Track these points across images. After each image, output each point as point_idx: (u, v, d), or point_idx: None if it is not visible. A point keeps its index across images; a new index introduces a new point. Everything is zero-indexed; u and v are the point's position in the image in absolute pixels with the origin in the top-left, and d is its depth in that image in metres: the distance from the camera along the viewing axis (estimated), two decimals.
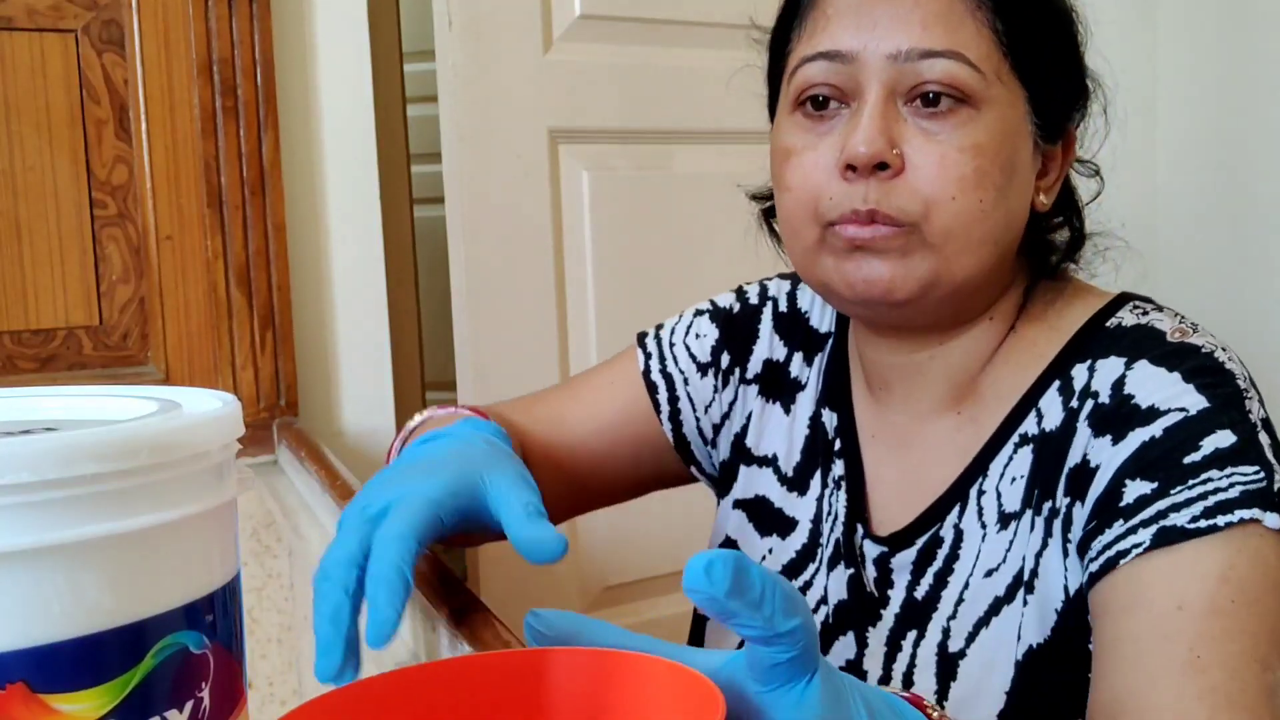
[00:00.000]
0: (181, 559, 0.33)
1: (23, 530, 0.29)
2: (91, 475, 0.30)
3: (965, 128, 0.68)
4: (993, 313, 0.76)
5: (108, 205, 1.35)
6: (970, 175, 0.68)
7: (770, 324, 0.90)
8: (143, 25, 1.35)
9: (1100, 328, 0.73)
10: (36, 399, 0.40)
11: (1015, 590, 0.71)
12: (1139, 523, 0.63)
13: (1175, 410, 0.65)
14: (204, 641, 0.34)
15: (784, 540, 0.85)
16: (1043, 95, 0.72)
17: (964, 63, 0.68)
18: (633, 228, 1.66)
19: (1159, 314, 0.73)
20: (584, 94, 1.63)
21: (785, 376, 0.88)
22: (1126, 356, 0.69)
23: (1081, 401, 0.70)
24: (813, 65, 0.72)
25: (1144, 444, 0.65)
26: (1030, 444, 0.72)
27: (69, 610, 0.30)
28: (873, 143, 0.68)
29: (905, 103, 0.69)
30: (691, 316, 0.93)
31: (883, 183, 0.68)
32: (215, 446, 0.34)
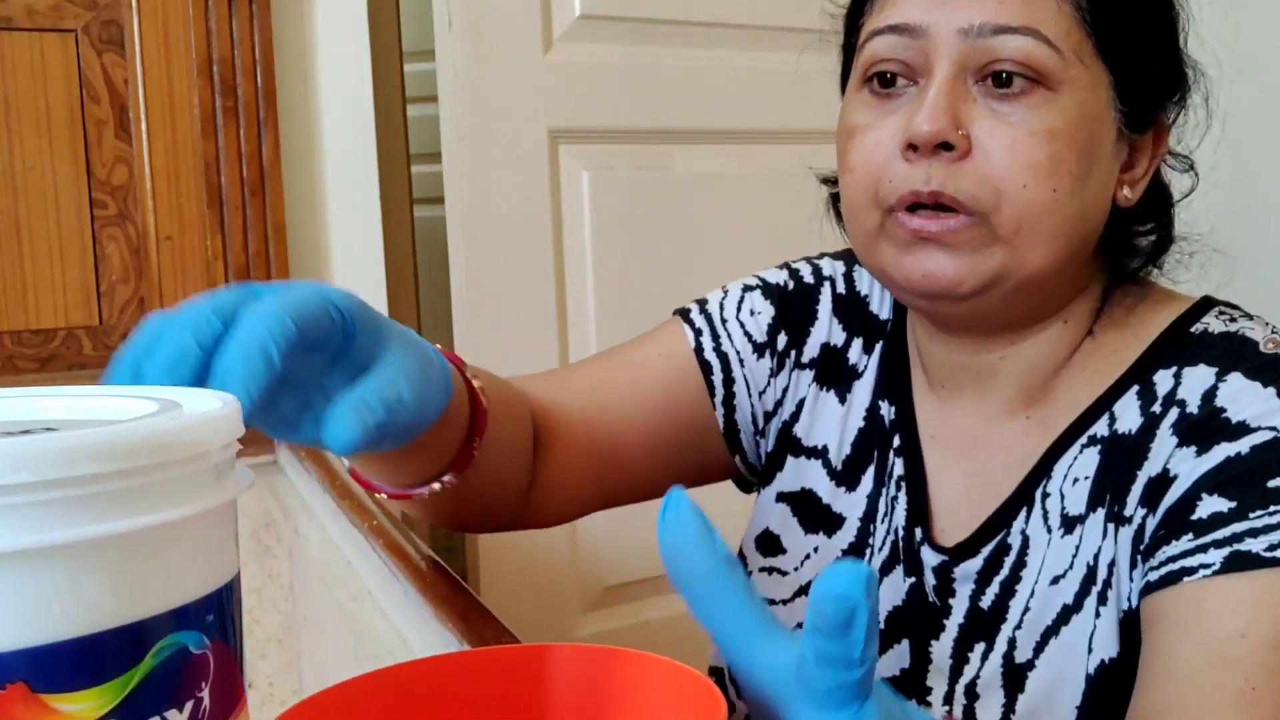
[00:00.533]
0: (181, 559, 0.33)
1: (22, 530, 0.29)
2: (91, 475, 0.30)
3: (1040, 110, 0.64)
4: (1067, 314, 0.71)
5: (108, 205, 1.35)
6: (1044, 162, 0.63)
7: (829, 306, 0.83)
8: (143, 25, 1.35)
9: (1184, 333, 0.69)
10: (36, 399, 0.40)
11: (1083, 598, 0.67)
12: (1211, 542, 0.60)
13: (1266, 429, 0.61)
14: (204, 641, 0.34)
15: (830, 538, 0.79)
16: (1130, 80, 0.66)
17: (1041, 40, 0.63)
18: (633, 228, 1.66)
19: (1249, 322, 0.68)
20: (584, 94, 1.63)
21: (844, 363, 0.82)
22: (1218, 366, 0.65)
23: (1165, 408, 0.66)
24: (881, 39, 0.67)
25: (1228, 459, 0.61)
26: (1099, 444, 0.68)
27: (69, 610, 0.30)
28: (936, 120, 0.63)
29: (976, 82, 0.65)
30: (741, 291, 0.85)
31: (947, 165, 0.64)
32: (215, 446, 0.34)
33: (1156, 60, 0.69)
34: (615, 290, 1.65)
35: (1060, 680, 0.66)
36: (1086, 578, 0.67)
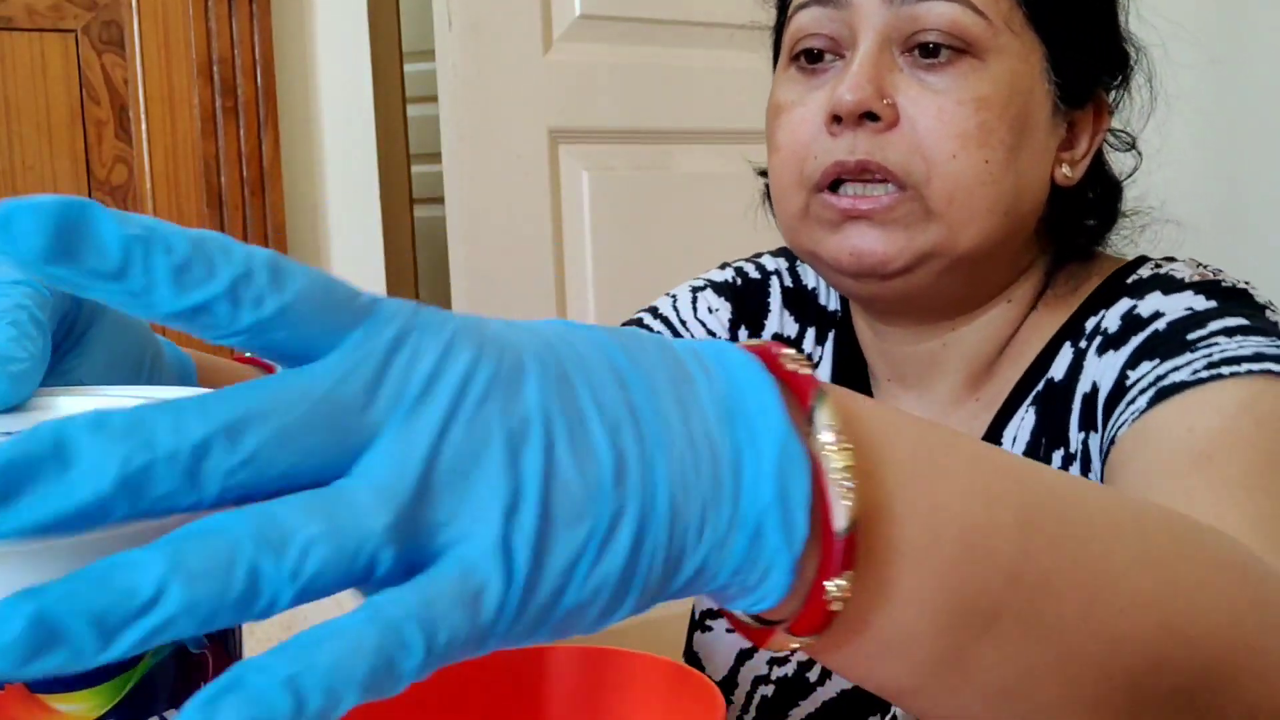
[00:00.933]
0: None
1: None
2: None
3: (968, 78, 0.62)
4: (1010, 294, 0.69)
5: (107, 205, 1.36)
6: (974, 131, 0.61)
7: (779, 299, 0.81)
8: (143, 25, 1.35)
9: (1116, 285, 0.68)
10: (42, 401, 0.40)
11: None
12: (1138, 393, 0.58)
13: (1183, 310, 0.61)
14: (203, 641, 0.34)
15: None
16: (1064, 50, 0.65)
17: (967, 6, 0.61)
18: (633, 228, 1.66)
19: (1177, 264, 0.67)
20: (584, 94, 1.63)
21: None
22: (1139, 297, 0.64)
23: (1090, 341, 0.65)
24: (805, 12, 0.66)
25: (1147, 337, 0.61)
26: (1036, 400, 0.68)
27: None
28: (859, 89, 0.61)
29: (902, 53, 0.63)
30: (690, 292, 0.83)
31: (873, 135, 0.62)
32: None
33: (1092, 33, 0.67)
34: (615, 290, 1.65)
35: None
36: None
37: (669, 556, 0.27)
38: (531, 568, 0.25)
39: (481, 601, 0.25)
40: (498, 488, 0.25)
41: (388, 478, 0.25)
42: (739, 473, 0.28)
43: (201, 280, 0.24)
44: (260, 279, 0.25)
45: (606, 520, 0.26)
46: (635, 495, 0.27)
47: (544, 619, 0.26)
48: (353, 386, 0.25)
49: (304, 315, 0.25)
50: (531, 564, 0.25)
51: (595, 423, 0.27)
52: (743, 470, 0.28)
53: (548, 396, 0.26)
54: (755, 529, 0.28)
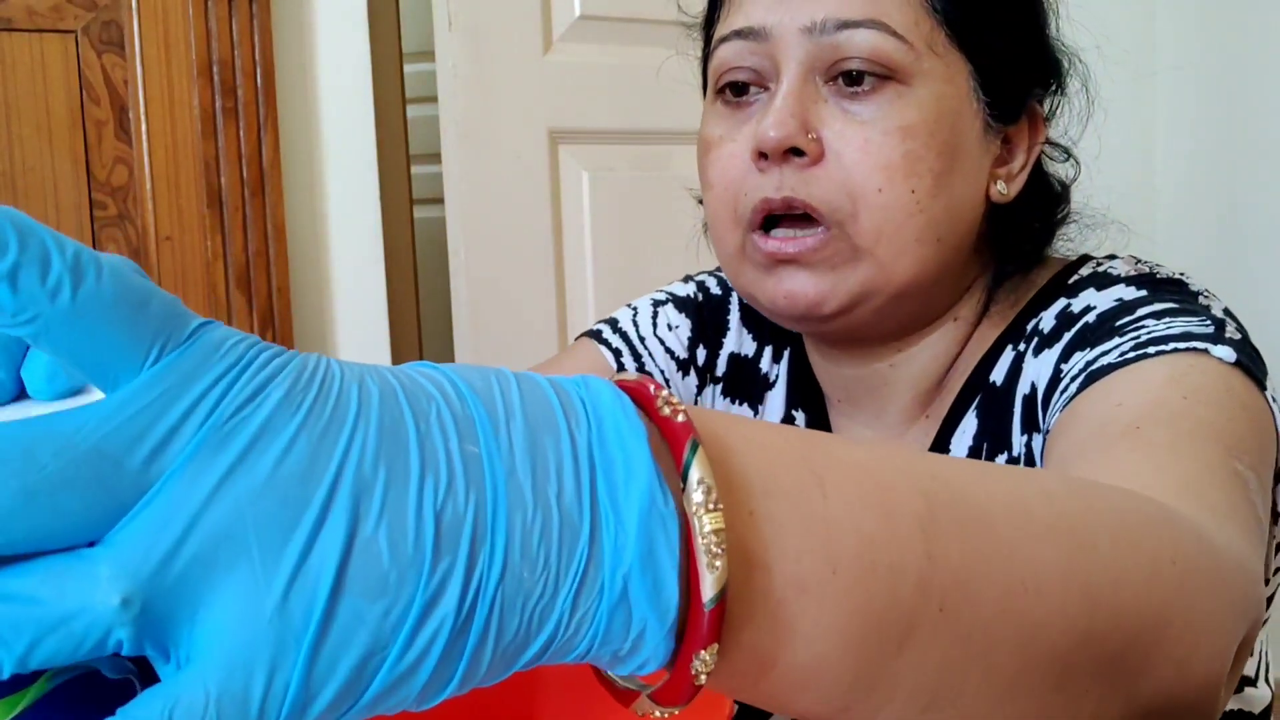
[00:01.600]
0: None
1: None
2: None
3: (893, 105, 0.60)
4: (955, 313, 0.68)
5: (107, 206, 1.35)
6: (899, 161, 0.60)
7: (738, 315, 0.80)
8: (142, 26, 1.35)
9: (1059, 286, 0.67)
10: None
11: None
12: (1069, 379, 0.57)
13: (1111, 301, 0.60)
14: (126, 666, 0.32)
15: None
16: (991, 68, 0.63)
17: (887, 32, 0.60)
18: (633, 228, 1.66)
19: (1116, 261, 0.67)
20: (584, 95, 1.63)
21: (755, 373, 0.78)
22: (1075, 296, 0.64)
23: (1028, 343, 0.65)
24: (727, 46, 0.65)
25: (1078, 329, 0.60)
26: (978, 405, 0.67)
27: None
28: (783, 125, 0.60)
29: (826, 82, 0.62)
30: (651, 306, 0.81)
31: (799, 171, 0.61)
32: None
33: (1019, 46, 0.65)
34: (615, 290, 1.65)
35: None
36: None
37: (505, 628, 0.25)
38: (309, 662, 0.22)
39: (247, 708, 0.22)
40: (275, 566, 0.22)
41: (134, 549, 0.21)
42: (597, 536, 0.25)
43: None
44: (57, 267, 0.22)
45: (420, 598, 0.23)
46: (460, 567, 0.24)
47: (340, 710, 0.23)
48: (132, 433, 0.22)
49: (101, 322, 0.22)
50: (309, 659, 0.22)
51: (419, 487, 0.24)
52: (602, 534, 0.26)
53: (366, 456, 0.23)
54: (620, 596, 0.26)
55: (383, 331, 1.58)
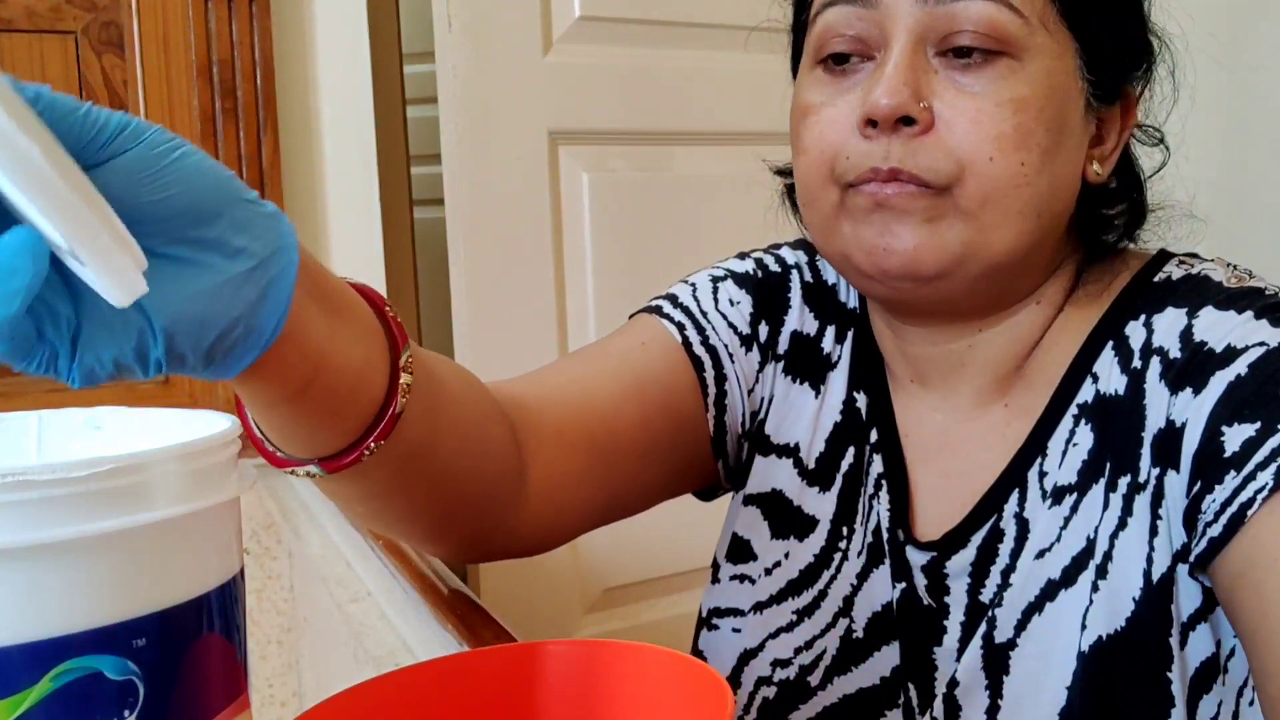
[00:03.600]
0: (92, 580, 0.32)
1: None
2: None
3: (1005, 80, 0.60)
4: (1040, 295, 0.67)
5: None
6: (1010, 133, 0.59)
7: (800, 293, 0.78)
8: (142, 27, 1.35)
9: (1148, 285, 0.66)
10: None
11: (1076, 574, 0.63)
12: (1255, 466, 0.55)
13: (1255, 346, 0.58)
14: (128, 667, 0.32)
15: (802, 542, 0.75)
16: (1096, 48, 0.63)
17: (1003, 5, 0.59)
18: (633, 229, 1.66)
19: (1207, 264, 0.66)
20: (584, 95, 1.63)
21: (818, 353, 0.76)
22: (1186, 306, 0.62)
23: (1145, 360, 0.62)
24: (834, 11, 0.64)
25: (1230, 385, 0.57)
26: (1089, 413, 0.65)
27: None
28: (896, 93, 0.59)
29: (937, 53, 0.61)
30: (711, 282, 0.79)
31: (908, 140, 0.60)
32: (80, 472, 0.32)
33: (1123, 26, 0.65)
34: (615, 291, 1.65)
35: (1047, 659, 0.63)
36: (1083, 553, 0.63)
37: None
38: None
39: None
40: None
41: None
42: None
43: None
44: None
45: None
46: None
47: None
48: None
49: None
50: None
51: None
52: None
53: None
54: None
55: None
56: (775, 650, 0.75)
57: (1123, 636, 0.61)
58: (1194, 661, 0.61)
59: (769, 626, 0.76)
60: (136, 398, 1.32)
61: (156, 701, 0.34)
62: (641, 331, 0.77)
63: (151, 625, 0.33)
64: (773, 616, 0.76)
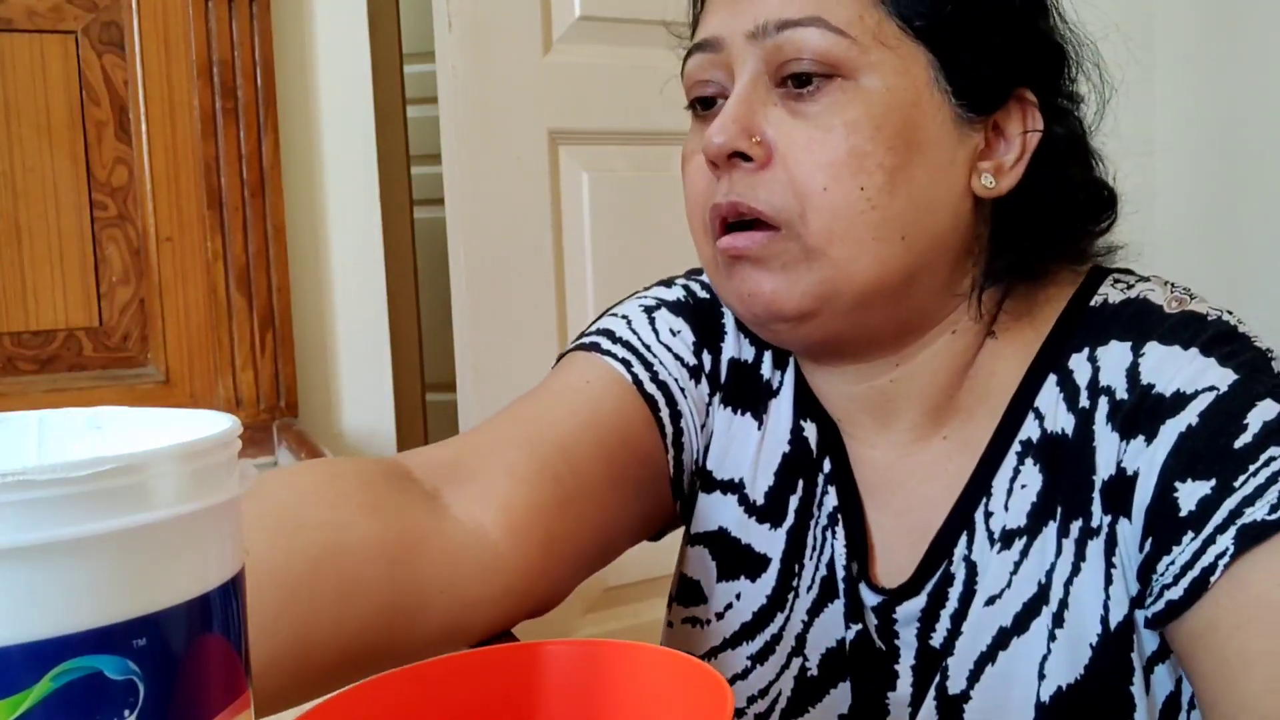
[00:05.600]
0: (93, 579, 0.31)
1: None
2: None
3: (837, 103, 0.58)
4: (954, 323, 0.64)
5: (108, 207, 1.35)
6: (844, 158, 0.58)
7: (734, 318, 0.75)
8: (142, 27, 1.35)
9: (1085, 309, 0.63)
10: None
11: (1029, 620, 0.61)
12: (1214, 529, 0.54)
13: (1205, 391, 0.56)
14: (129, 667, 0.32)
15: (754, 583, 0.71)
16: (959, 55, 0.60)
17: (827, 29, 0.58)
18: (633, 229, 1.66)
19: (1145, 284, 0.63)
20: (584, 95, 1.63)
21: (757, 380, 0.73)
22: (1130, 340, 0.60)
23: (1094, 399, 0.60)
24: (691, 60, 0.64)
25: (1181, 435, 0.56)
26: (1036, 451, 0.63)
27: None
28: (724, 130, 0.59)
29: (776, 86, 0.61)
30: (644, 312, 0.75)
31: (747, 175, 0.60)
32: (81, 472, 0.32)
33: (994, 35, 0.62)
34: (615, 291, 1.64)
35: (1003, 711, 0.61)
36: (1035, 598, 0.61)
37: None
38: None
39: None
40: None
41: None
42: None
43: None
44: None
45: None
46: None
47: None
48: None
49: None
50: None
51: None
52: None
53: None
54: None
55: (383, 331, 1.58)
56: None
57: (1083, 685, 0.59)
58: (1157, 703, 0.60)
59: (724, 673, 0.70)
60: (136, 398, 1.33)
61: (157, 701, 0.34)
62: (583, 370, 0.71)
63: (151, 625, 0.33)
64: (726, 662, 0.72)
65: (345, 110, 1.53)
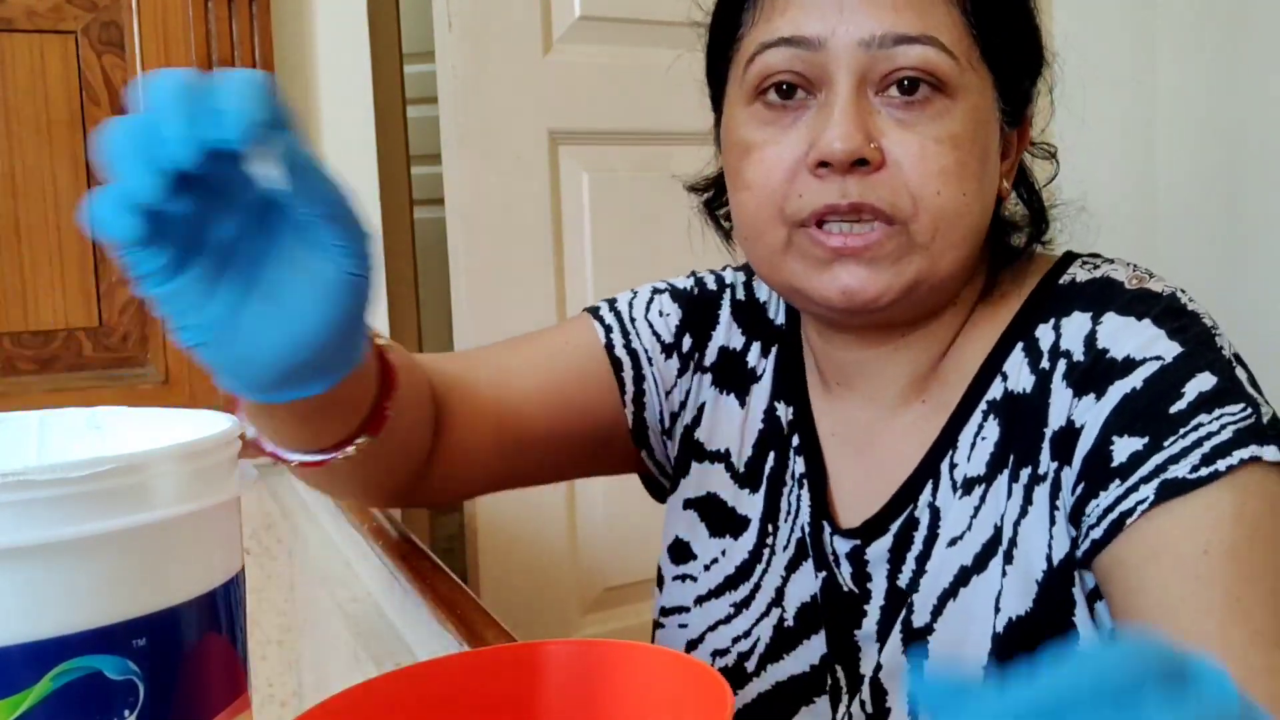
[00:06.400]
0: (93, 580, 0.31)
1: None
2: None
3: (942, 118, 0.65)
4: (957, 300, 0.72)
5: None
6: (952, 167, 0.64)
7: (729, 311, 0.84)
8: (142, 27, 1.35)
9: (1054, 286, 0.70)
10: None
11: (986, 560, 0.67)
12: (1138, 480, 0.61)
13: (1152, 359, 0.63)
14: (129, 667, 0.32)
15: (736, 540, 0.80)
16: (1009, 80, 0.68)
17: (939, 48, 0.64)
18: (633, 229, 1.66)
19: (1110, 265, 0.70)
20: (584, 95, 1.63)
21: (742, 367, 0.82)
22: (1091, 311, 0.66)
23: (1053, 361, 0.67)
24: (774, 52, 0.66)
25: (1125, 396, 0.63)
26: (999, 410, 0.69)
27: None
28: (850, 138, 0.63)
29: (877, 92, 0.65)
30: (649, 293, 0.87)
31: (864, 178, 0.64)
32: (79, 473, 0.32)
33: (1027, 58, 0.70)
34: (615, 290, 1.64)
35: (962, 643, 0.67)
36: (992, 540, 0.68)
37: None
38: None
39: None
40: None
41: None
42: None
43: None
44: None
45: None
46: None
47: None
48: None
49: None
50: None
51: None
52: None
53: None
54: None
55: (383, 332, 1.58)
56: (714, 641, 0.79)
57: (1032, 617, 0.65)
58: (1105, 633, 0.66)
59: (709, 619, 0.80)
60: (136, 398, 1.33)
61: (156, 701, 0.34)
62: (573, 331, 0.85)
63: (151, 625, 0.33)
64: (712, 609, 0.80)
65: (345, 110, 1.53)
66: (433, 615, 0.81)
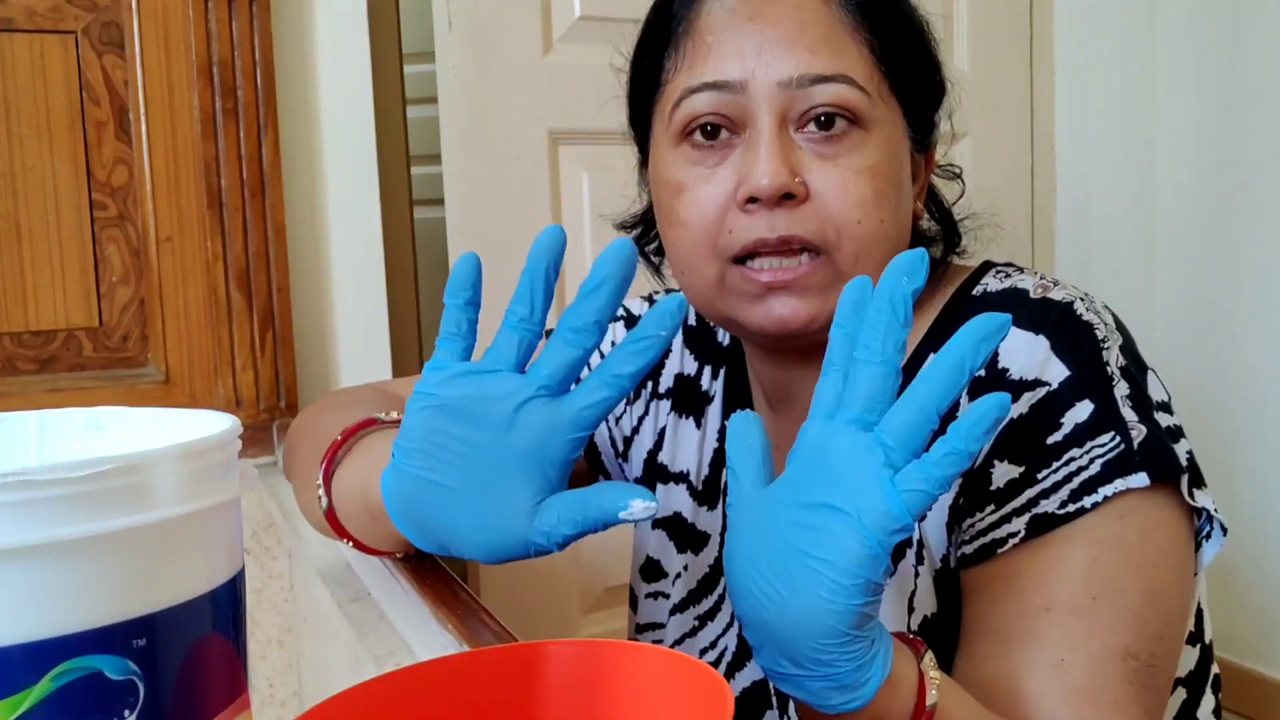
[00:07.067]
0: (93, 580, 0.31)
1: None
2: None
3: (859, 150, 0.69)
4: None
5: (108, 207, 1.35)
6: (871, 197, 0.68)
7: (681, 338, 0.88)
8: (143, 27, 1.35)
9: (968, 297, 0.74)
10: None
11: (897, 560, 0.71)
12: (1012, 511, 0.65)
13: (1040, 385, 0.66)
14: (128, 667, 0.32)
15: (698, 555, 0.83)
16: (915, 110, 0.73)
17: (853, 85, 0.68)
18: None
19: (1021, 275, 0.73)
20: (584, 95, 1.62)
21: (696, 390, 0.87)
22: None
23: None
24: (699, 96, 0.70)
25: (1012, 421, 0.66)
26: None
27: None
28: (777, 174, 0.67)
29: (797, 129, 0.69)
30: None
31: (790, 211, 0.68)
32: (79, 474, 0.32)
33: (930, 88, 0.75)
34: None
35: None
36: (903, 541, 0.69)
37: None
38: None
39: None
40: None
41: None
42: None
43: None
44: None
45: None
46: None
47: None
48: None
49: None
50: None
51: None
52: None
53: None
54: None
55: (383, 332, 1.58)
56: (685, 652, 0.82)
57: (940, 615, 0.70)
58: None
59: (678, 632, 0.84)
60: (136, 398, 1.33)
61: (156, 701, 0.34)
62: None
63: (151, 625, 0.33)
64: (681, 622, 0.85)
65: (345, 110, 1.53)
66: (433, 615, 0.81)
